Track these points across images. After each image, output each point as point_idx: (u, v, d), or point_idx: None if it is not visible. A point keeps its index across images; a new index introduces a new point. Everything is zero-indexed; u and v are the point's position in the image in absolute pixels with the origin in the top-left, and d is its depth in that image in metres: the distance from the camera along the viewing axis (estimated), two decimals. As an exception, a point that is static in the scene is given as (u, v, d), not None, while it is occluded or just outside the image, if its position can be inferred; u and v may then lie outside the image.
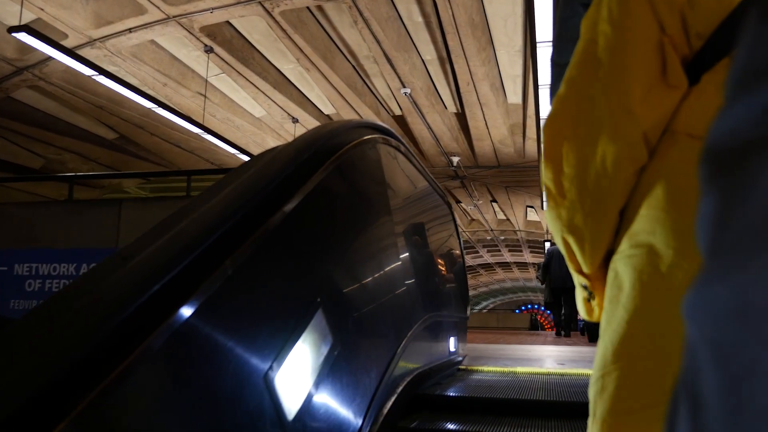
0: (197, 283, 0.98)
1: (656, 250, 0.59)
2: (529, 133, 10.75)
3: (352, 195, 1.59)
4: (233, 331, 1.05)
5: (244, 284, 1.10)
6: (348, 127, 1.60)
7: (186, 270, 0.97)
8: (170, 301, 0.92)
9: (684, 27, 0.61)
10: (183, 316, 0.93)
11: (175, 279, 0.95)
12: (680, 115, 0.61)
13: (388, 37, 7.60)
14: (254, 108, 10.13)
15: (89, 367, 0.78)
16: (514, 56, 8.39)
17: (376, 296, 1.57)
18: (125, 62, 8.06)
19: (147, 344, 0.85)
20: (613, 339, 0.61)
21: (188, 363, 0.96)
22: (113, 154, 10.62)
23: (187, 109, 9.51)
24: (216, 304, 1.00)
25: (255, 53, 8.47)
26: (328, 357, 1.26)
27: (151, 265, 0.97)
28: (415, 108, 9.70)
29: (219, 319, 1.02)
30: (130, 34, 7.34)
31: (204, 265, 1.01)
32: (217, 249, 1.05)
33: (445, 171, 13.47)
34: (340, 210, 1.53)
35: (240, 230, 1.12)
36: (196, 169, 10.31)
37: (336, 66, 8.53)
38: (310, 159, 1.43)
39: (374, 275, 1.59)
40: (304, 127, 10.74)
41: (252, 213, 1.17)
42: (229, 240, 1.08)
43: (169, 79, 8.59)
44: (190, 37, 7.61)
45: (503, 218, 19.73)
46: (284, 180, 1.34)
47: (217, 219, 1.10)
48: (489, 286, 39.51)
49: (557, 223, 0.69)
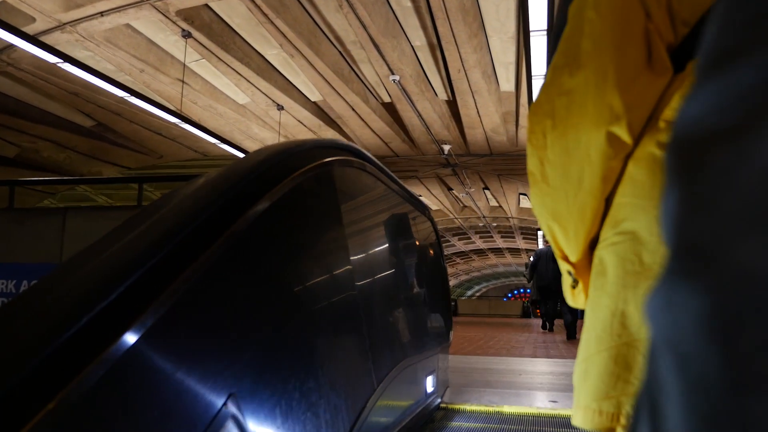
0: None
1: (639, 237, 0.59)
2: (522, 122, 10.45)
3: (298, 230, 1.30)
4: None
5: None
6: (294, 151, 1.31)
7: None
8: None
9: (670, 14, 0.61)
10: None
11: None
12: (664, 103, 0.61)
13: (375, 23, 7.24)
14: (237, 95, 9.76)
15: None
16: (507, 42, 8.05)
17: (329, 361, 1.28)
18: (99, 47, 7.67)
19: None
20: (596, 325, 0.62)
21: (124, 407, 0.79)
22: (91, 142, 10.23)
23: (167, 96, 9.13)
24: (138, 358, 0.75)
25: (236, 38, 8.08)
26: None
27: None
28: (405, 95, 9.36)
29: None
30: (102, 18, 6.95)
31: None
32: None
33: (436, 159, 13.17)
34: (282, 250, 1.24)
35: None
36: (148, 176, 10.01)
37: (321, 52, 8.17)
38: (241, 193, 1.14)
39: (323, 332, 1.30)
40: (290, 115, 10.39)
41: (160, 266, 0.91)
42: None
43: (147, 64, 8.20)
44: (166, 21, 7.22)
45: (496, 205, 19.49)
46: (205, 222, 1.05)
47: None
48: (481, 270, 39.44)
49: (542, 210, 0.70)
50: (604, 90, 0.60)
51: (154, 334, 0.84)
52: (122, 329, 0.79)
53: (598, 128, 0.61)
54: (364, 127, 11.04)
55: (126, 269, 0.88)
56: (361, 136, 11.59)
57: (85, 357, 0.74)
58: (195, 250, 0.98)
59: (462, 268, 36.29)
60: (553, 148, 0.66)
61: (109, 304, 0.81)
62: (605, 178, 0.63)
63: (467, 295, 48.50)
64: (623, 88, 0.59)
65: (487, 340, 6.60)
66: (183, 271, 0.93)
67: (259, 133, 11.31)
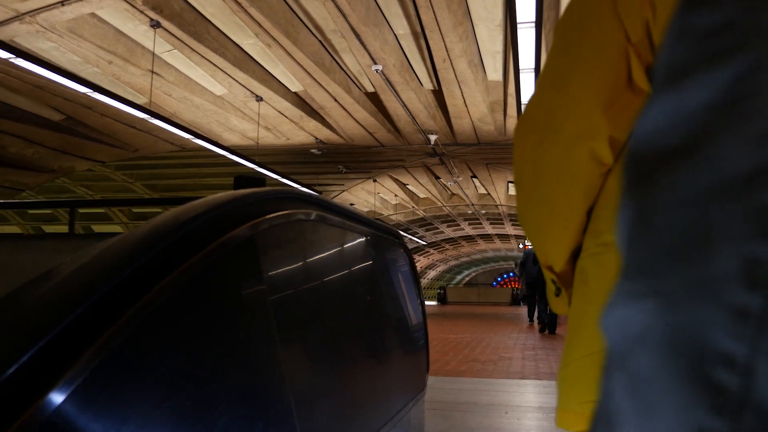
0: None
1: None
2: (510, 111, 10.12)
3: (215, 307, 1.00)
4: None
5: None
6: (221, 211, 1.01)
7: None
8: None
9: (648, 36, 0.61)
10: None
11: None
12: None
13: (355, 11, 6.86)
14: (214, 86, 9.35)
15: None
16: (494, 31, 7.70)
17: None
18: (62, 39, 7.23)
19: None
20: (579, 332, 0.64)
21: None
22: (61, 136, 9.79)
23: (138, 88, 8.71)
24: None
25: (210, 27, 7.67)
26: None
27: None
28: (389, 85, 9.00)
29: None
30: (63, 8, 6.51)
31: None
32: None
33: (423, 148, 12.84)
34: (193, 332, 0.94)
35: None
36: (81, 199, 9.65)
37: (300, 42, 7.77)
38: (162, 254, 0.85)
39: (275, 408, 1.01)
40: (270, 106, 9.99)
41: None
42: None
43: (115, 56, 7.77)
44: (133, 10, 6.79)
45: (484, 193, 19.22)
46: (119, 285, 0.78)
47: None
48: (471, 256, 39.35)
49: (527, 219, 0.73)
50: (587, 108, 0.61)
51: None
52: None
53: (580, 145, 0.63)
54: (348, 118, 10.67)
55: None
56: (345, 127, 11.22)
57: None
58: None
59: (451, 254, 36.18)
60: (538, 162, 0.67)
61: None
62: (587, 192, 0.65)
63: (457, 279, 48.45)
64: (605, 107, 0.60)
65: (473, 347, 6.32)
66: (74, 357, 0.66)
67: (238, 125, 10.91)
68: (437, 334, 8.08)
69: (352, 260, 1.69)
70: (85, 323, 0.75)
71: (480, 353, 5.48)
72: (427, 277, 39.22)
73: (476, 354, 5.34)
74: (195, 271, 0.92)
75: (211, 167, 13.85)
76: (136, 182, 16.50)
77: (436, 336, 7.61)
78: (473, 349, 5.85)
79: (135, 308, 0.79)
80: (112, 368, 0.76)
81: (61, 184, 15.38)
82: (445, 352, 5.50)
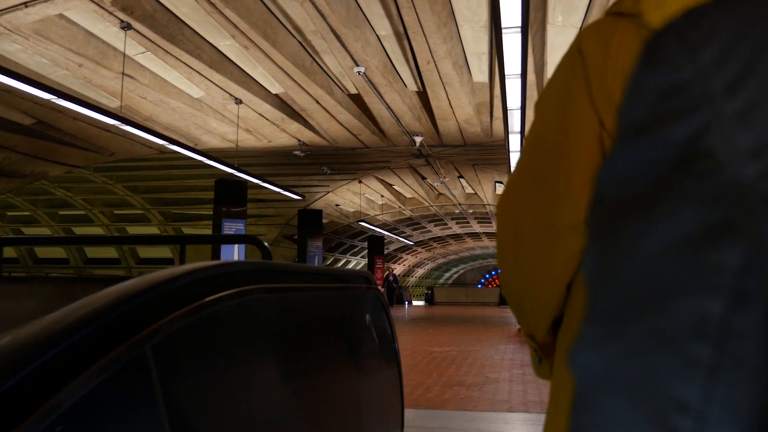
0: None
1: None
2: (496, 113, 9.90)
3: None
4: None
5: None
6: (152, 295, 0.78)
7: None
8: None
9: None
10: None
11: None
12: None
13: (335, 12, 6.59)
14: (191, 89, 9.04)
15: None
16: (479, 32, 7.47)
17: None
18: (28, 41, 6.91)
19: None
20: (561, 397, 0.61)
21: None
22: (33, 141, 9.43)
23: (111, 91, 8.40)
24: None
25: (185, 29, 7.36)
26: None
27: None
28: (372, 87, 8.75)
29: None
30: (27, 9, 6.19)
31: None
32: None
33: (409, 149, 12.60)
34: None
35: None
36: (8, 237, 9.36)
37: (279, 43, 7.49)
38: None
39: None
40: (250, 108, 9.71)
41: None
42: None
43: (86, 58, 7.45)
44: (102, 11, 6.49)
45: (471, 192, 19.03)
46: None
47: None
48: (459, 254, 39.24)
49: (509, 290, 0.73)
50: (563, 189, 0.62)
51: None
52: None
53: (556, 224, 0.63)
54: (331, 120, 10.41)
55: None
56: (328, 129, 10.95)
57: None
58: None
59: (439, 252, 36.03)
60: (518, 241, 0.69)
61: None
62: (565, 270, 0.65)
63: (445, 277, 48.33)
64: (580, 189, 0.60)
65: (459, 364, 6.09)
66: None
67: (218, 128, 10.61)
68: (422, 346, 7.87)
69: (311, 329, 1.45)
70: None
71: (465, 373, 5.25)
72: (414, 275, 39.06)
73: (461, 374, 5.10)
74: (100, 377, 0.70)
75: (193, 168, 13.53)
76: (117, 184, 16.14)
77: (420, 349, 7.39)
78: (459, 367, 5.62)
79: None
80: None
81: (41, 186, 14.99)
82: (429, 373, 5.27)
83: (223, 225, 12.66)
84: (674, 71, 0.38)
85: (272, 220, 19.03)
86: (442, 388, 4.42)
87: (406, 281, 37.28)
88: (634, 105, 0.37)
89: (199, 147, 11.52)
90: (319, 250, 18.54)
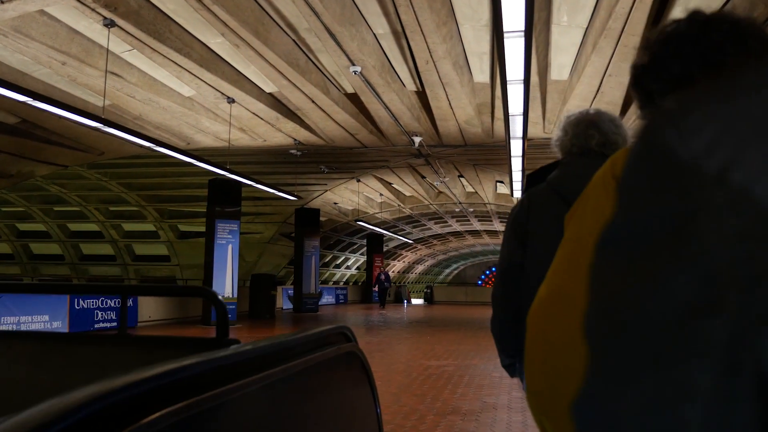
0: None
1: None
2: (497, 114, 9.57)
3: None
4: None
5: None
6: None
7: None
8: None
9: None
10: None
11: None
12: None
13: (328, 9, 6.27)
14: (181, 87, 8.73)
15: None
16: (480, 31, 7.14)
17: None
18: (7, 38, 6.60)
19: None
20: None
21: None
22: (18, 140, 9.12)
23: (98, 90, 8.07)
24: None
25: (173, 26, 7.04)
26: None
27: None
28: (369, 87, 8.43)
29: None
30: (3, 5, 5.87)
31: None
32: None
33: (408, 149, 12.28)
34: None
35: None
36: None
37: (271, 41, 7.17)
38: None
39: None
40: (243, 107, 9.39)
41: None
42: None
43: (69, 56, 7.14)
44: (83, 8, 6.17)
45: (472, 191, 18.71)
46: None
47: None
48: (459, 250, 38.95)
49: (535, 408, 0.71)
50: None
51: None
52: None
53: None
54: (327, 119, 10.09)
55: None
56: (325, 129, 10.63)
57: None
58: None
59: (439, 249, 35.75)
60: (546, 358, 0.66)
61: None
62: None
63: (445, 273, 48.04)
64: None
65: (456, 383, 5.79)
66: None
67: (210, 127, 10.29)
68: (418, 359, 7.58)
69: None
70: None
71: (461, 396, 4.95)
72: (414, 271, 38.78)
73: (456, 398, 4.80)
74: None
75: (188, 166, 13.20)
76: (111, 181, 15.82)
77: (416, 363, 7.11)
78: (455, 389, 5.33)
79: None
80: None
81: (35, 182, 14.67)
82: (423, 395, 4.97)
83: (216, 226, 12.36)
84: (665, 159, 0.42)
85: (269, 218, 18.72)
86: (435, 417, 4.12)
87: (406, 278, 37.00)
88: (633, 176, 0.40)
89: (191, 146, 11.21)
90: (316, 249, 18.25)
